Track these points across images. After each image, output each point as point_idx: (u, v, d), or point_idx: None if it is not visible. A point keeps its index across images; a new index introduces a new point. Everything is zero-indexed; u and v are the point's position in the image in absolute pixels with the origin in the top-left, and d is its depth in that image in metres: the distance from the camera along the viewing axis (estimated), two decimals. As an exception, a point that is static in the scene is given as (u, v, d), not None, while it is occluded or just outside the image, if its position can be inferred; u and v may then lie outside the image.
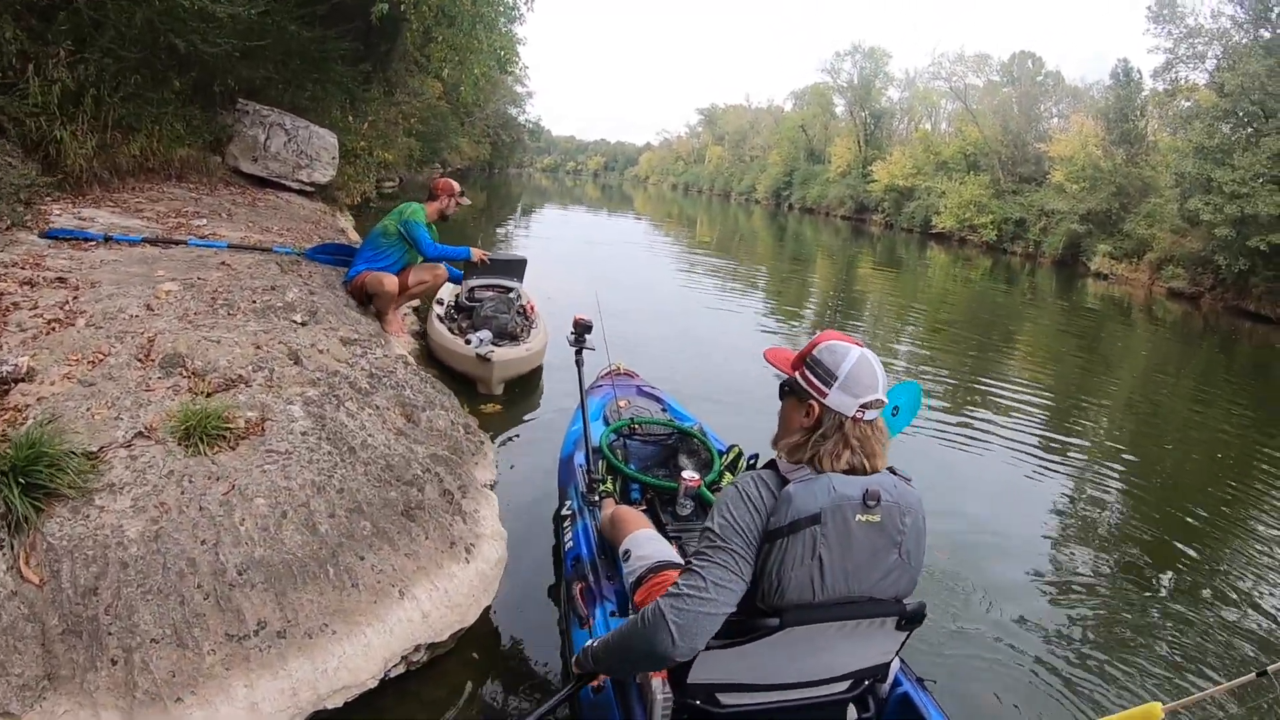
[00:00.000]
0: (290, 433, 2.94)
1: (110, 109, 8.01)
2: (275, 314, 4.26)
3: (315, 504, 2.67)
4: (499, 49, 16.12)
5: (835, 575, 1.92)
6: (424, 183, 38.64)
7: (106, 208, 7.44)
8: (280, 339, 3.68)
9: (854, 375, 1.96)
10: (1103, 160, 33.34)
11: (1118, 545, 5.49)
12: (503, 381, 6.48)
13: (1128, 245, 30.05)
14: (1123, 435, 8.59)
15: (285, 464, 2.73)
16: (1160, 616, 4.47)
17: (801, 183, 62.59)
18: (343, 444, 2.99)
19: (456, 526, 3.02)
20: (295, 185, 12.06)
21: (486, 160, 65.08)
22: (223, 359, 3.34)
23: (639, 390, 5.21)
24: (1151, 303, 24.29)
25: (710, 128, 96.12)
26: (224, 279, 5.08)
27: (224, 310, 4.18)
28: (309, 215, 10.45)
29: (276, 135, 11.92)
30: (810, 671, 2.11)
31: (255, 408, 3.02)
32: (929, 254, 34.33)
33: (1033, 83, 45.69)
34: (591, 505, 3.54)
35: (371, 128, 16.82)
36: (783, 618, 1.92)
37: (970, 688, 3.52)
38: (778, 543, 1.89)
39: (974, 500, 5.82)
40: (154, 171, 9.40)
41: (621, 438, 4.20)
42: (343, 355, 3.80)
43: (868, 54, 59.38)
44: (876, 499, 1.91)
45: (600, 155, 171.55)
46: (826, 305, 16.16)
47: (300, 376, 3.36)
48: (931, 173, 46.54)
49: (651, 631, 1.91)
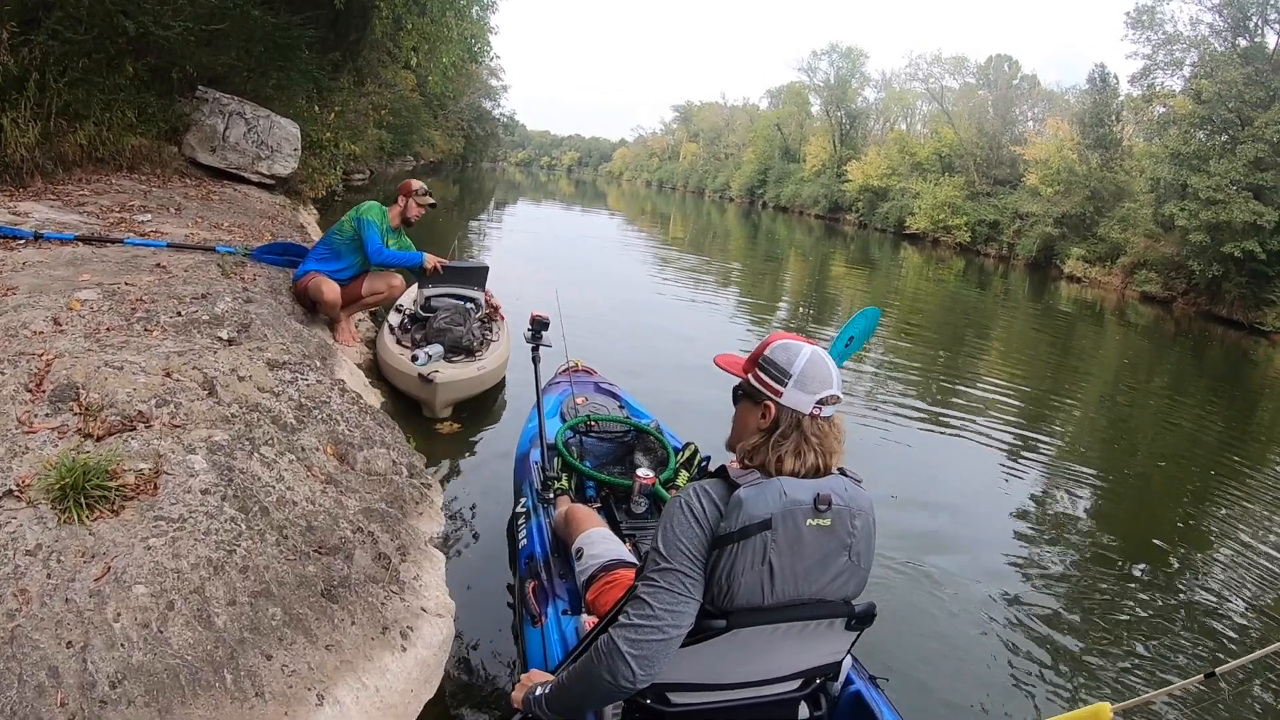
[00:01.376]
0: (188, 491, 2.38)
1: (55, 95, 7.51)
2: (199, 330, 3.76)
3: (212, 588, 2.11)
4: (470, 37, 15.63)
5: (785, 579, 1.90)
6: (395, 175, 38.48)
7: (46, 201, 6.93)
8: (196, 363, 3.16)
9: (807, 372, 1.95)
10: (1078, 164, 33.52)
11: (1079, 545, 5.55)
12: (449, 405, 5.89)
13: (1101, 249, 30.28)
14: (1092, 436, 8.72)
15: (176, 536, 2.20)
16: (1115, 617, 4.51)
17: (776, 181, 62.64)
18: (252, 504, 2.45)
19: (391, 605, 2.48)
20: (255, 177, 11.51)
21: (460, 154, 64.93)
22: (123, 391, 2.83)
23: (596, 387, 5.17)
24: (1124, 306, 24.54)
25: (685, 125, 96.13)
26: (153, 284, 4.58)
27: (141, 325, 3.67)
28: (266, 210, 9.90)
29: (236, 125, 11.37)
30: (760, 671, 2.11)
31: (149, 457, 2.47)
32: (902, 254, 34.44)
33: (1009, 86, 46.07)
34: (546, 503, 3.53)
35: (338, 118, 16.25)
36: (729, 620, 1.91)
37: (923, 686, 3.53)
38: (728, 548, 1.86)
39: (938, 498, 5.89)
40: (103, 162, 8.92)
41: (577, 434, 4.23)
42: (267, 382, 3.27)
43: (844, 54, 59.72)
44: (828, 503, 1.89)
45: (575, 151, 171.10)
46: (799, 304, 16.30)
47: (211, 413, 2.84)
48: (906, 173, 46.68)
49: (610, 668, 1.87)
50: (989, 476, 6.61)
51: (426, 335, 6.31)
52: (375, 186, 28.91)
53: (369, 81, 23.91)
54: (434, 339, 6.21)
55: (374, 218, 5.97)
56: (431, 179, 43.43)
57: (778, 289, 18.50)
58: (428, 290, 6.81)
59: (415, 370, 5.66)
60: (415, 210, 6.29)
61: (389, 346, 6.12)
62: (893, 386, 9.43)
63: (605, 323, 10.35)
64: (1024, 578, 4.83)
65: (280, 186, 12.47)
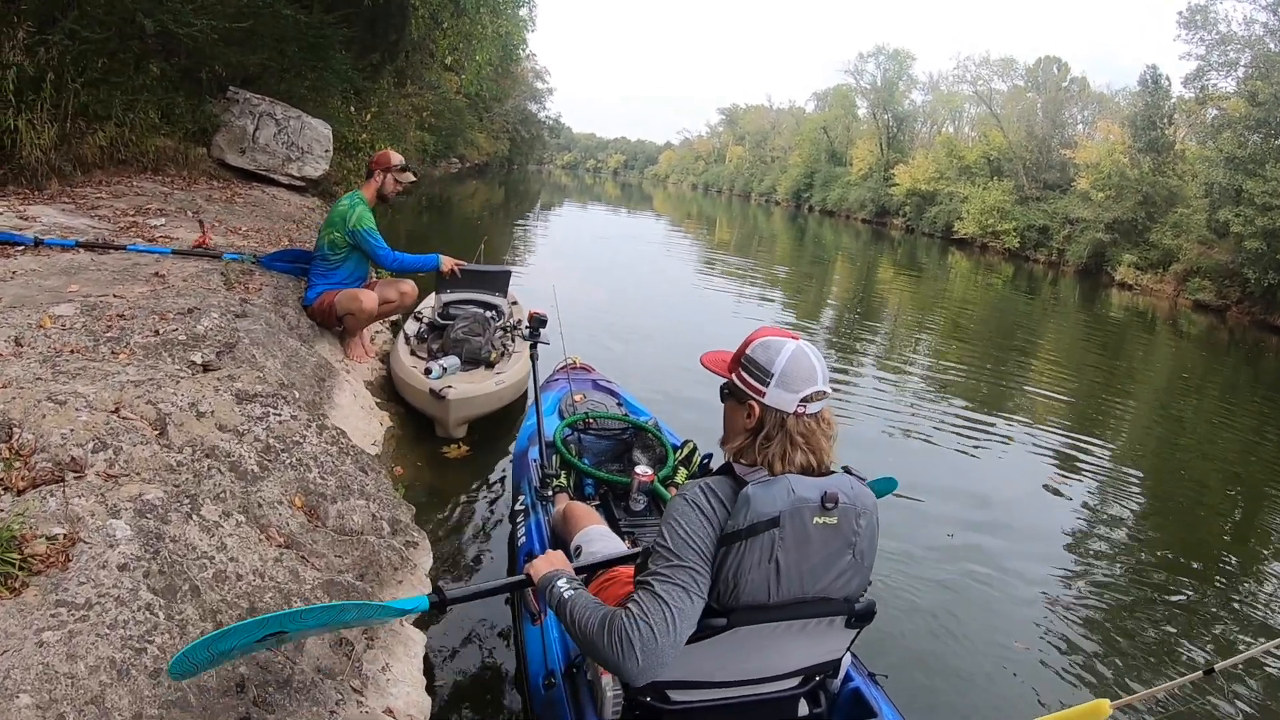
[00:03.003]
0: (102, 566, 1.90)
1: (72, 96, 7.27)
2: (172, 352, 3.35)
3: (114, 698, 1.64)
4: (505, 33, 15.32)
5: (791, 577, 1.88)
6: (439, 177, 38.51)
7: (60, 204, 6.67)
8: (153, 396, 2.75)
9: (789, 370, 1.92)
10: (1129, 168, 32.53)
11: (1092, 547, 5.53)
12: (463, 423, 5.41)
13: (1153, 255, 29.37)
14: (1139, 446, 8.57)
15: (76, 629, 1.73)
16: (1117, 615, 4.49)
17: (822, 184, 61.87)
18: (180, 583, 1.98)
19: (346, 712, 2.00)
20: (284, 179, 11.23)
21: (505, 156, 65.23)
22: (60, 431, 2.41)
23: (595, 384, 5.20)
24: (1176, 314, 23.91)
25: (731, 128, 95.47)
26: (142, 297, 4.21)
27: (109, 347, 3.27)
28: (292, 213, 9.57)
29: (266, 126, 11.10)
30: (760, 669, 2.09)
31: (66, 520, 2.05)
32: (950, 260, 33.90)
33: (1058, 88, 44.92)
34: (544, 500, 3.55)
35: (376, 119, 16.00)
36: (730, 618, 1.89)
37: (922, 682, 3.53)
38: (735, 546, 1.84)
39: (958, 498, 5.87)
40: (125, 164, 8.70)
41: (576, 432, 4.25)
42: (231, 420, 2.83)
43: (891, 56, 58.89)
44: (835, 501, 1.87)
45: (620, 153, 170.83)
46: (845, 308, 16.13)
47: (155, 460, 2.41)
48: (954, 177, 45.73)
49: (617, 655, 1.82)
50: (1020, 480, 6.60)
51: (444, 345, 5.87)
52: (419, 189, 28.87)
53: (410, 83, 23.74)
54: (451, 350, 5.77)
55: (368, 223, 5.40)
56: (477, 181, 43.71)
57: (823, 293, 18.35)
58: (446, 296, 6.39)
59: (427, 385, 5.22)
60: (392, 186, 5.62)
61: (402, 359, 5.67)
62: (939, 390, 9.47)
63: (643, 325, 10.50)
64: (1023, 578, 4.79)
65: (312, 189, 12.19)
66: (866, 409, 7.95)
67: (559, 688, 2.42)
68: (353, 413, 4.40)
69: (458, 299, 6.40)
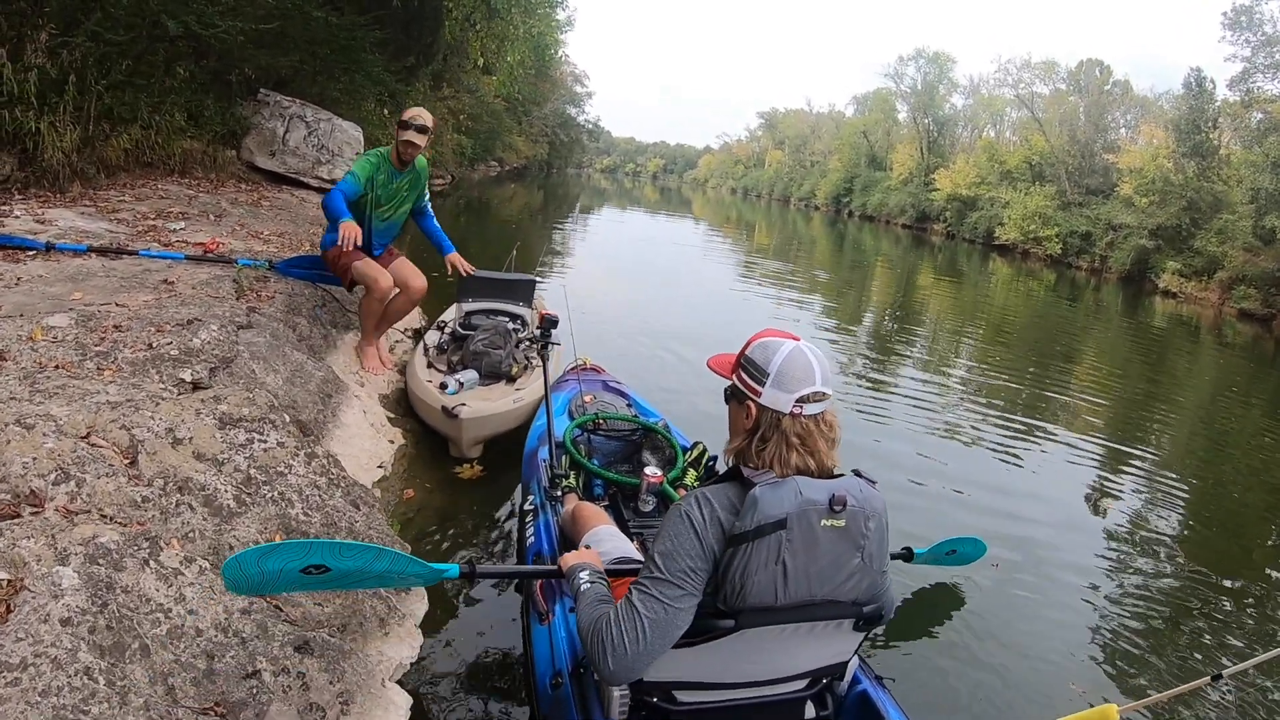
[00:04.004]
0: (44, 620, 1.74)
1: (95, 98, 7.20)
2: (160, 369, 3.13)
3: None
4: (537, 34, 15.20)
5: (798, 579, 1.86)
6: (478, 180, 38.56)
7: (81, 207, 6.56)
8: (129, 420, 2.54)
9: (785, 370, 1.91)
10: (1173, 173, 31.84)
11: (1116, 552, 5.41)
12: (478, 443, 5.06)
13: (1197, 263, 28.65)
14: (1178, 457, 8.32)
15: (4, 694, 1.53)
16: (1132, 620, 4.43)
17: (862, 189, 61.17)
18: (128, 642, 1.75)
19: None
20: (314, 182, 11.12)
21: (544, 159, 65.43)
22: (22, 459, 2.20)
23: (605, 385, 5.16)
24: (1221, 323, 23.20)
25: (770, 132, 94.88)
26: (144, 307, 4.03)
27: (95, 363, 3.06)
28: (319, 217, 9.43)
29: (296, 128, 11.00)
30: (767, 671, 2.08)
31: (12, 564, 1.84)
32: (991, 266, 33.32)
33: (1100, 91, 44.02)
34: (553, 500, 3.55)
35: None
36: (738, 620, 1.88)
37: (929, 686, 3.51)
38: (742, 547, 1.82)
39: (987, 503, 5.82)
40: (152, 166, 8.64)
41: (585, 432, 4.23)
42: (211, 447, 2.61)
43: (931, 59, 57.95)
44: (843, 504, 1.85)
45: (659, 157, 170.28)
46: (885, 314, 16.01)
47: (120, 494, 2.20)
48: (995, 182, 45.14)
49: (594, 656, 1.89)
50: (1052, 486, 6.47)
51: (463, 358, 5.56)
52: (457, 192, 28.90)
53: (446, 86, 23.70)
54: (470, 363, 5.47)
55: (356, 165, 5.08)
56: (515, 184, 43.80)
57: (863, 299, 18.10)
58: (467, 305, 6.12)
59: (440, 401, 4.91)
60: (403, 146, 5.13)
61: (417, 371, 5.35)
62: (978, 394, 9.39)
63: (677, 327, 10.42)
64: (1040, 581, 4.71)
65: (345, 192, 12.10)
66: (907, 410, 7.92)
67: (566, 688, 2.41)
68: (360, 432, 4.16)
69: (480, 308, 6.13)
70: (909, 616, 4.04)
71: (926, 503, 5.61)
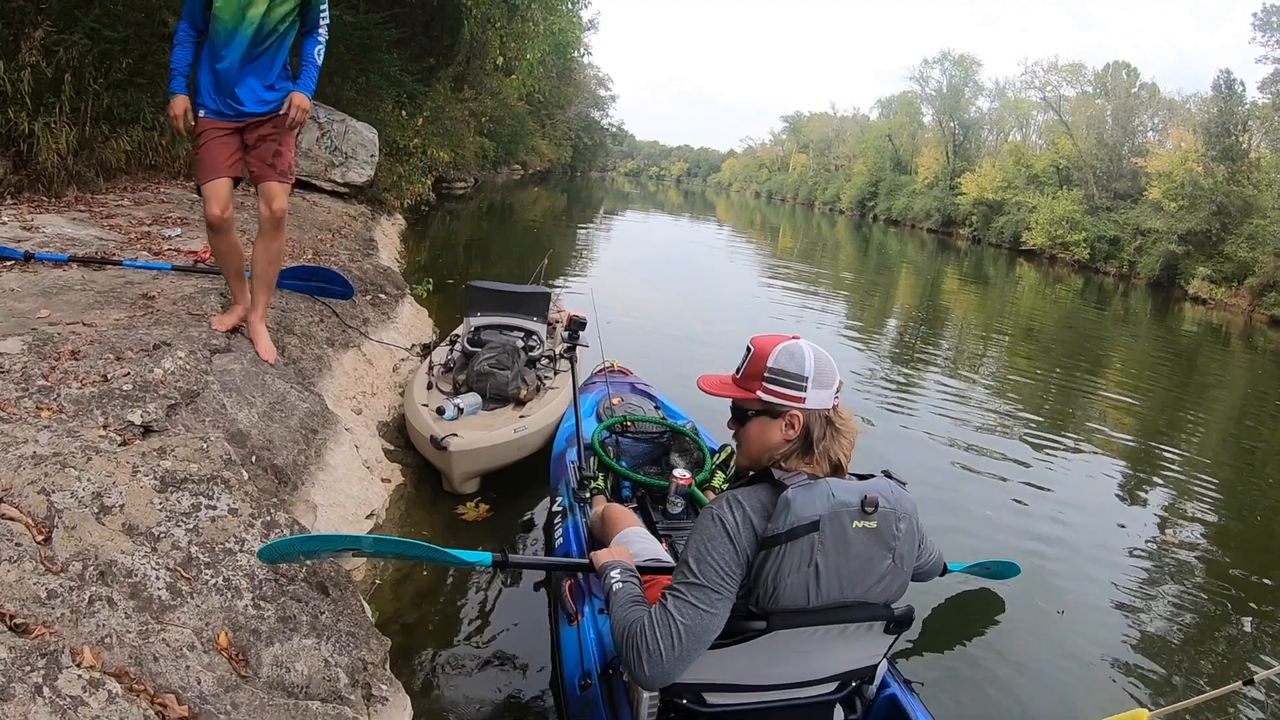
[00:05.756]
0: None
1: (92, 98, 6.93)
2: (106, 409, 2.64)
3: None
4: (558, 31, 14.88)
5: (830, 581, 1.86)
6: (502, 183, 38.31)
7: (74, 213, 6.24)
8: (51, 480, 2.07)
9: (820, 369, 1.93)
10: (1203, 177, 31.38)
11: (1146, 557, 5.33)
12: (472, 478, 4.55)
13: (1227, 268, 28.30)
14: (1210, 464, 8.03)
15: None
16: (1163, 625, 4.39)
17: (887, 193, 60.83)
18: None
19: None
20: (327, 185, 10.83)
21: (568, 163, 65.41)
22: (-102, 537, 1.77)
23: (632, 388, 5.15)
24: (1251, 330, 22.97)
25: (795, 135, 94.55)
26: (113, 327, 3.54)
27: (35, 400, 2.58)
28: (330, 221, 9.07)
29: (309, 129, 10.68)
30: (797, 673, 2.07)
31: None
32: (1018, 271, 33.03)
33: (1127, 94, 43.66)
34: (582, 502, 3.56)
35: (428, 124, 15.53)
36: (770, 621, 1.87)
37: (957, 690, 3.49)
38: (775, 550, 1.82)
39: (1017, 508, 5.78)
40: (156, 169, 8.34)
41: (614, 435, 4.21)
42: (146, 518, 2.14)
43: (957, 61, 57.58)
44: (875, 505, 1.85)
45: (683, 161, 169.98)
46: (909, 320, 15.89)
47: (22, 586, 1.72)
48: (1022, 186, 44.79)
49: (630, 660, 1.88)
50: (1078, 493, 6.38)
51: (468, 379, 5.09)
52: (480, 195, 28.64)
53: (468, 88, 23.36)
54: (474, 385, 5.01)
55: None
56: (539, 188, 43.61)
57: (889, 303, 17.97)
58: (476, 319, 5.61)
59: (430, 430, 4.40)
60: None
61: (414, 394, 4.86)
62: (1004, 398, 9.37)
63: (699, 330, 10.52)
64: (1071, 585, 4.66)
65: (360, 195, 11.71)
66: (933, 415, 7.89)
67: (595, 689, 2.40)
68: (348, 474, 3.63)
69: (489, 323, 5.62)
70: (939, 622, 4.01)
71: (955, 506, 5.59)
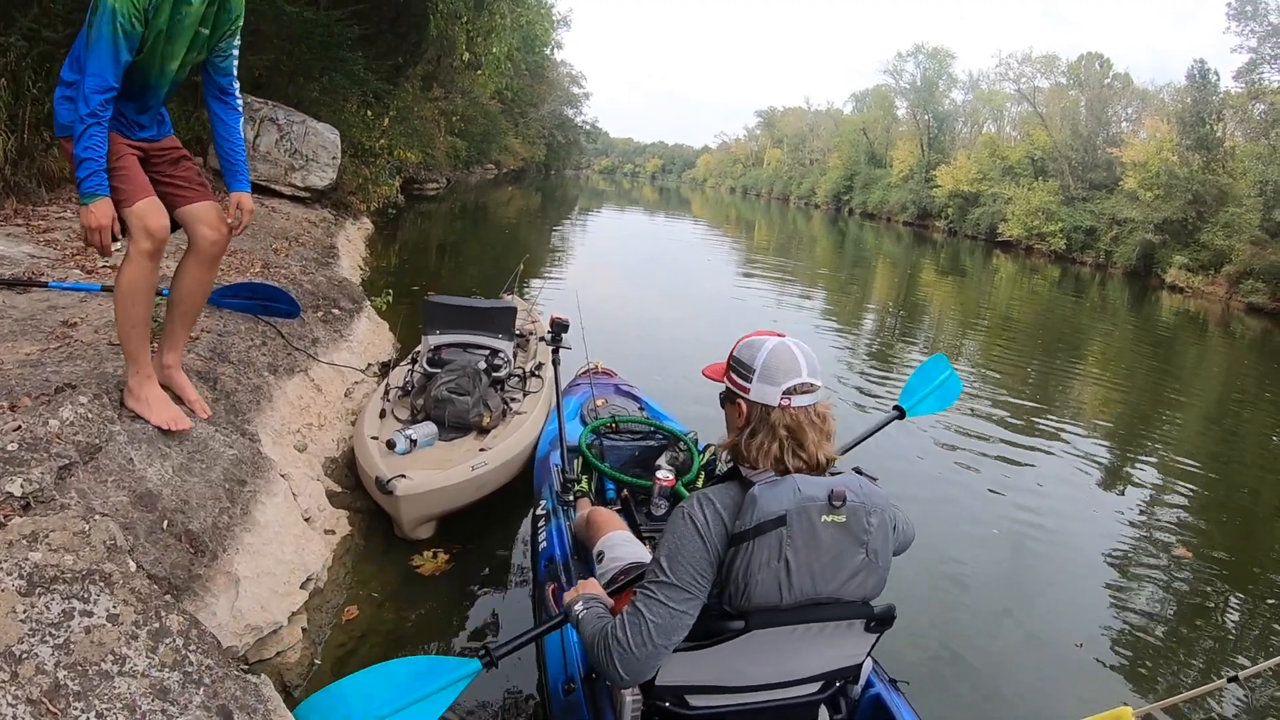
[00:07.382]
0: None
1: (30, 104, 6.56)
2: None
3: None
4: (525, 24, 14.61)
5: (802, 576, 1.84)
6: (476, 183, 37.83)
7: (10, 227, 5.91)
8: None
9: (769, 364, 1.91)
10: (1178, 167, 31.62)
11: (1128, 553, 5.35)
12: (424, 523, 4.02)
13: (1204, 257, 28.48)
14: (1189, 453, 8.10)
15: None
16: (1146, 622, 4.40)
17: (862, 187, 61.00)
18: None
19: None
20: (287, 190, 10.42)
21: (542, 162, 65.25)
22: None
23: (616, 389, 5.11)
24: (1229, 318, 23.18)
25: (769, 130, 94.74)
26: (19, 364, 3.08)
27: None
28: (288, 229, 8.66)
29: (267, 132, 10.28)
30: (779, 673, 2.05)
31: None
32: (995, 263, 33.22)
33: (1101, 85, 43.93)
34: (566, 505, 3.52)
35: (394, 124, 15.10)
36: (748, 621, 1.85)
37: (944, 689, 3.49)
38: (743, 546, 1.81)
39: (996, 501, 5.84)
40: None
41: (599, 436, 4.18)
42: (6, 634, 1.66)
43: (930, 54, 57.90)
44: (842, 499, 1.83)
45: (658, 158, 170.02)
46: (887, 312, 16.00)
47: None
48: (998, 178, 44.89)
49: (603, 664, 1.88)
50: (1060, 485, 6.42)
51: (425, 406, 4.62)
52: (452, 195, 28.20)
53: (437, 86, 22.91)
54: (432, 412, 4.55)
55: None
56: (513, 187, 43.31)
57: (865, 297, 18.01)
58: (434, 338, 5.12)
59: (376, 470, 3.90)
60: None
61: (364, 426, 4.37)
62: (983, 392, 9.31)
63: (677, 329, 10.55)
64: (1054, 583, 4.73)
65: (323, 200, 11.28)
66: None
67: (578, 693, 2.41)
68: (281, 533, 3.10)
69: (448, 342, 5.13)
70: (923, 619, 3.99)
71: (935, 498, 5.64)
